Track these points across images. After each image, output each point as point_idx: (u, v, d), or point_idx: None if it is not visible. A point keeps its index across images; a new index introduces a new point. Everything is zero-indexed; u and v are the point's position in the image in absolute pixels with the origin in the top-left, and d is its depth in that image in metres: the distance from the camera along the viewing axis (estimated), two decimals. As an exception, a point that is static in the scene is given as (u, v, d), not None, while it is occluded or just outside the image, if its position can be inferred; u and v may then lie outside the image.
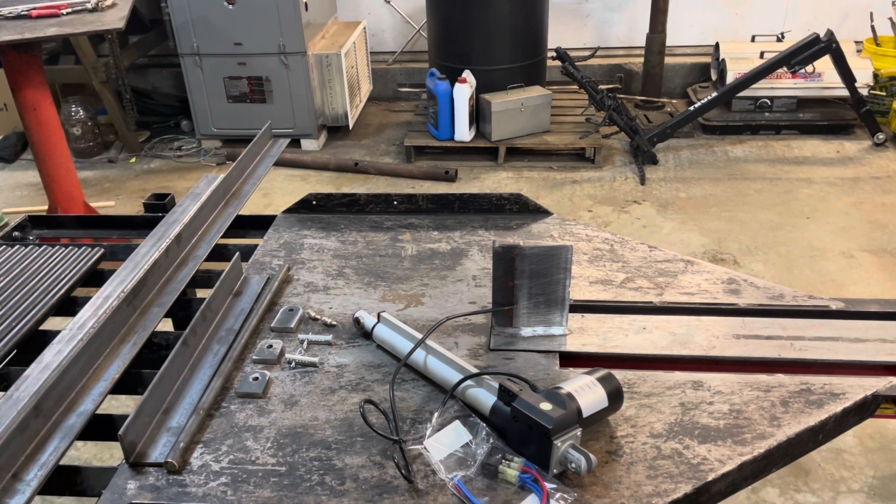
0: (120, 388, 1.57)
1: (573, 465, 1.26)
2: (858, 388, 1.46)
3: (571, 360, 1.59)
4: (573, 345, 1.61)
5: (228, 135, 5.48)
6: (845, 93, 5.03)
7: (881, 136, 5.13)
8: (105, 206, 4.67)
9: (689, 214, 4.43)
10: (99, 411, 1.47)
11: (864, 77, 5.10)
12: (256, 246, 2.07)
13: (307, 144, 5.54)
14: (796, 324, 1.65)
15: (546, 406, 1.29)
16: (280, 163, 5.24)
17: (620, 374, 1.49)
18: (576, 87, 5.52)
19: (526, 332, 1.64)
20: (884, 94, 5.48)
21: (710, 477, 1.28)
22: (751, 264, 3.88)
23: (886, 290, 3.63)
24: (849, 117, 5.34)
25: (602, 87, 5.32)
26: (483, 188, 4.85)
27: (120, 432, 1.33)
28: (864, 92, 5.12)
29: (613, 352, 1.59)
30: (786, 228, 4.22)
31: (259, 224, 2.21)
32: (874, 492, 2.53)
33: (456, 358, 1.48)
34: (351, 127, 5.70)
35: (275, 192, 4.85)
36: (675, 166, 5.07)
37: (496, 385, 1.38)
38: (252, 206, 3.02)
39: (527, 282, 1.58)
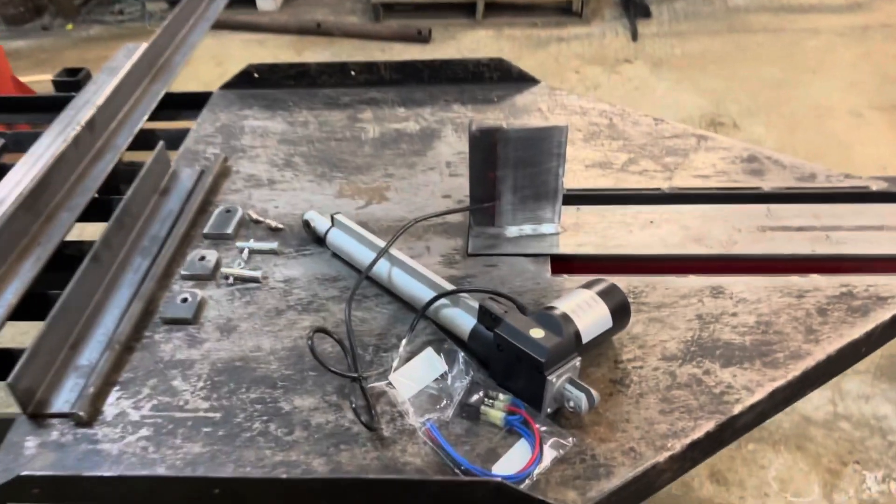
0: (22, 314, 1.29)
1: (571, 405, 1.02)
2: (910, 289, 1.21)
3: (565, 264, 1.32)
4: (567, 245, 1.34)
5: (176, -5, 4.92)
6: (858, -71, 4.54)
7: (893, -22, 4.68)
8: (39, 80, 4.20)
9: (685, 73, 4.06)
10: (-6, 346, 1.21)
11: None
12: (188, 131, 1.73)
13: (263, 4, 4.99)
14: (832, 210, 1.38)
15: (537, 333, 1.04)
16: (234, 25, 4.73)
17: (624, 281, 1.23)
18: (560, -71, 4.95)
19: (511, 231, 1.36)
20: (899, -71, 4.97)
21: (737, 410, 1.05)
22: (752, 127, 3.58)
23: (896, 151, 3.37)
24: (859, -42, 4.85)
25: (590, -72, 4.75)
26: (460, 49, 4.42)
27: (10, 378, 1.07)
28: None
29: (615, 252, 1.32)
30: (789, 85, 3.88)
31: (193, 103, 1.86)
32: (881, 372, 2.38)
33: (426, 271, 1.21)
34: (312, -18, 5.14)
35: (229, 59, 4.39)
36: (669, 19, 4.63)
37: (476, 304, 1.12)
38: (205, 75, 2.62)
39: (512, 172, 1.29)
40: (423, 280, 1.20)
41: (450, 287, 1.17)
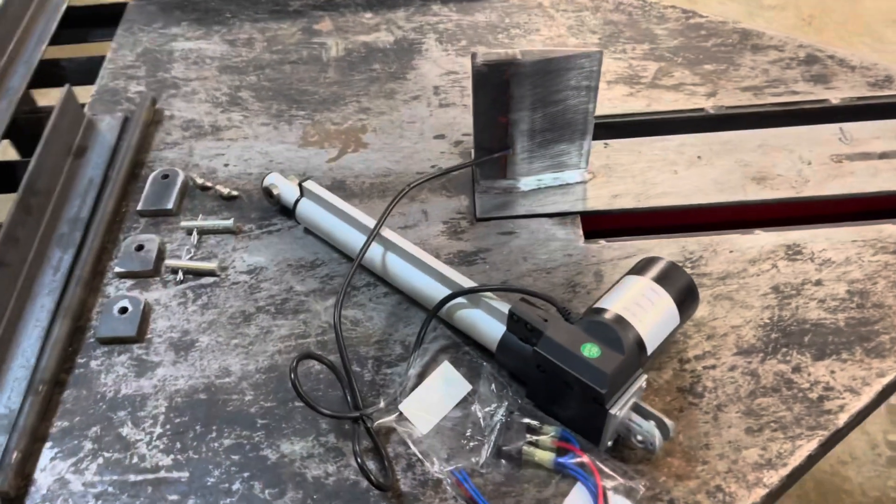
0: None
1: (639, 438, 0.80)
2: None
3: (598, 220, 1.06)
4: (599, 197, 1.07)
5: None
6: None
7: None
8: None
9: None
10: None
11: None
12: (102, 60, 1.37)
13: None
14: (919, 127, 1.12)
15: (592, 350, 0.79)
16: None
17: (677, 245, 0.99)
18: None
19: (527, 183, 1.08)
20: None
21: (842, 420, 0.84)
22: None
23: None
24: None
25: None
26: None
27: None
28: None
29: (661, 205, 1.06)
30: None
31: (103, 19, 1.48)
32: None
33: (433, 260, 0.94)
34: None
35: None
36: None
37: (503, 308, 0.87)
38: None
39: (528, 114, 0.99)
40: (431, 273, 0.93)
41: (466, 283, 0.90)
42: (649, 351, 0.83)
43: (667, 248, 1.00)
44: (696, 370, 0.89)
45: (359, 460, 0.81)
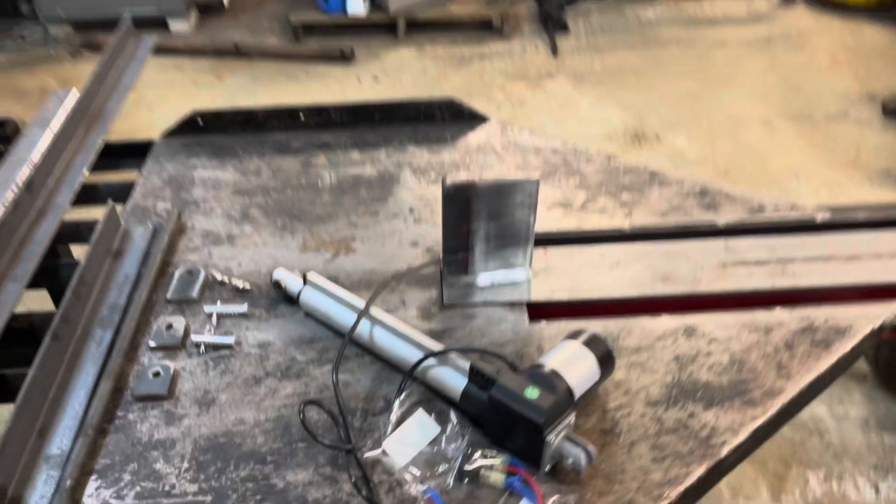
0: (-25, 400, 1.21)
1: (570, 462, 1.04)
2: (864, 319, 1.29)
3: (540, 309, 1.34)
4: (541, 291, 1.36)
5: (80, 17, 4.67)
6: (755, -56, 4.81)
7: (789, -10, 4.97)
8: (-60, 115, 3.95)
9: (607, 87, 4.18)
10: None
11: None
12: (134, 184, 1.66)
13: (176, 26, 4.83)
14: (784, 243, 1.45)
15: (532, 392, 1.05)
16: (148, 50, 4.56)
17: (600, 325, 1.26)
18: (476, -54, 5.01)
19: (483, 279, 1.37)
20: (790, -57, 5.28)
21: (724, 452, 1.10)
22: (674, 139, 3.72)
23: (806, 157, 3.57)
24: (756, -30, 5.13)
25: (505, -54, 4.83)
26: (385, 69, 4.40)
27: (-20, 481, 1.00)
28: (774, -57, 4.90)
29: (588, 297, 1.35)
30: (705, 97, 4.05)
31: (134, 152, 1.79)
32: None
33: (410, 330, 1.20)
34: (226, 3, 5.01)
35: (145, 86, 4.23)
36: (586, 33, 4.75)
37: (465, 364, 1.12)
38: (123, 114, 2.53)
39: (484, 224, 1.30)
40: (408, 340, 1.19)
41: (436, 347, 1.17)
42: (576, 396, 1.09)
43: (593, 328, 1.28)
44: (615, 417, 1.15)
45: (352, 481, 1.03)
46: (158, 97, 4.14)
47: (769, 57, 4.43)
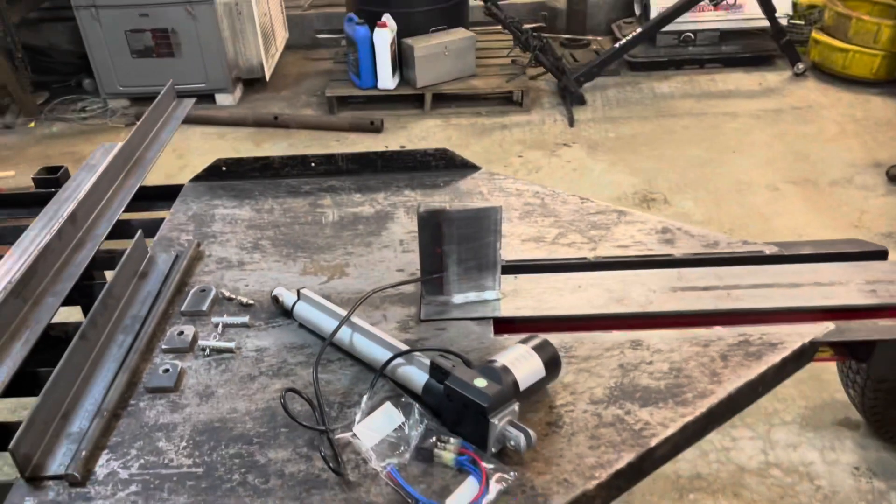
0: (14, 391, 1.41)
1: (512, 443, 1.19)
2: (796, 336, 1.43)
3: (506, 325, 1.51)
4: (507, 309, 1.53)
5: (136, 93, 5.13)
6: (766, 23, 5.04)
7: (801, 65, 5.17)
8: (3, 176, 4.33)
9: (619, 155, 4.39)
10: (-11, 420, 1.33)
11: (783, 6, 5.10)
12: (163, 220, 1.90)
13: (222, 99, 5.24)
14: (732, 272, 1.61)
15: (481, 382, 1.21)
16: (194, 120, 4.94)
17: (557, 338, 1.42)
18: (500, 27, 5.36)
19: (458, 299, 1.55)
20: (803, 23, 5.51)
21: (654, 442, 1.23)
22: (681, 202, 3.88)
23: (810, 220, 3.69)
24: (770, 48, 5.36)
25: (526, 26, 5.17)
26: (411, 138, 4.70)
27: (11, 445, 1.19)
28: (784, 22, 5.13)
29: (549, 314, 1.51)
30: (713, 164, 4.23)
31: (165, 195, 2.04)
32: (806, 422, 2.59)
33: (383, 334, 1.38)
34: (268, 78, 5.41)
35: (190, 152, 4.59)
36: (602, 106, 5.01)
37: (428, 362, 1.29)
38: (167, 168, 2.79)
39: (455, 247, 1.48)
40: (381, 343, 1.37)
41: (405, 347, 1.34)
42: (521, 388, 1.25)
43: (550, 340, 1.44)
44: (560, 413, 1.30)
45: (322, 455, 1.20)
46: (202, 162, 4.46)
47: (778, 128, 4.60)
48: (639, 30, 5.01)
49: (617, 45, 5.07)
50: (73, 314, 1.78)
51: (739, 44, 5.40)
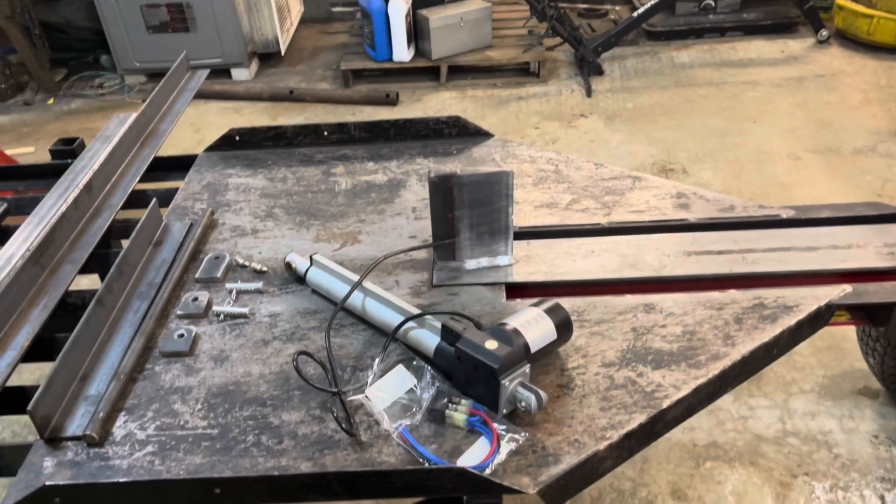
0: (33, 355, 1.44)
1: (523, 404, 1.19)
2: (812, 298, 1.41)
3: (518, 290, 1.50)
4: (519, 274, 1.52)
5: (153, 68, 5.14)
6: (789, -10, 4.94)
7: (825, 32, 5.06)
8: (24, 152, 4.38)
9: (637, 125, 4.34)
10: (9, 383, 1.35)
11: (806, -28, 5.00)
12: (178, 189, 1.91)
13: (238, 74, 5.23)
14: (747, 236, 1.59)
15: (491, 344, 1.21)
16: (211, 95, 4.95)
17: (569, 302, 1.41)
18: (516, -3, 5.30)
19: (470, 264, 1.54)
20: (826, -11, 5.40)
21: (665, 404, 1.23)
22: (700, 172, 3.84)
23: (832, 189, 3.63)
24: (792, 15, 5.25)
25: (543, -4, 5.10)
26: (426, 110, 4.67)
27: (29, 407, 1.21)
28: (808, -12, 5.03)
29: (561, 279, 1.51)
30: (733, 133, 4.16)
31: (180, 165, 2.04)
32: (825, 391, 2.56)
33: (395, 299, 1.38)
34: (283, 52, 5.40)
35: (207, 126, 4.60)
36: (620, 76, 4.94)
37: (439, 325, 1.29)
38: (184, 143, 2.80)
39: (467, 212, 1.48)
40: (393, 307, 1.37)
41: (416, 311, 1.34)
42: (532, 350, 1.24)
43: (562, 304, 1.43)
44: (571, 375, 1.29)
45: (335, 416, 1.21)
46: (218, 136, 4.48)
47: (800, 96, 4.52)
48: (657, -2, 4.93)
49: (635, 13, 4.99)
50: (90, 283, 1.80)
51: (761, 11, 5.29)
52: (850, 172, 3.76)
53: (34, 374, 2.49)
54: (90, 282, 1.82)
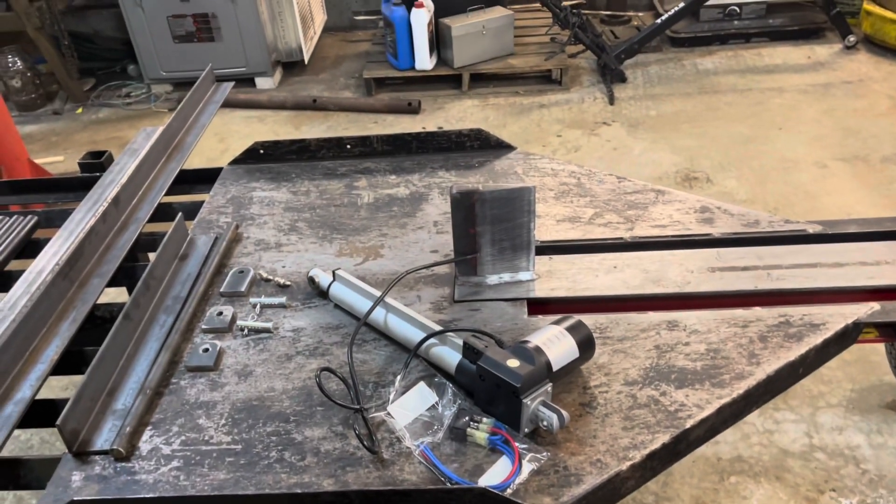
0: (62, 369, 1.46)
1: (545, 424, 1.19)
2: (839, 316, 1.39)
3: (541, 306, 1.50)
4: (541, 290, 1.52)
5: (179, 77, 5.21)
6: (815, -5, 4.89)
7: (852, 38, 5.00)
8: (53, 161, 4.45)
9: (660, 133, 4.31)
10: (39, 396, 1.37)
11: (833, -23, 4.94)
12: (203, 203, 1.93)
13: (262, 83, 5.29)
14: (773, 251, 1.57)
15: (513, 363, 1.21)
16: (235, 104, 5.01)
17: (591, 319, 1.41)
18: (538, 4, 5.30)
19: (492, 279, 1.54)
20: (854, -7, 5.33)
21: (689, 424, 1.22)
22: (724, 181, 3.80)
23: (860, 198, 3.58)
24: (819, 20, 5.19)
25: (565, 3, 5.10)
26: (448, 118, 4.68)
27: (58, 422, 1.23)
28: (834, -7, 4.97)
29: (583, 295, 1.50)
30: (758, 141, 4.12)
31: (205, 178, 2.07)
32: (852, 405, 2.53)
33: (417, 315, 1.39)
34: (307, 61, 5.45)
35: (231, 135, 4.65)
36: (644, 83, 4.92)
37: (461, 342, 1.30)
38: (209, 151, 2.82)
39: (489, 227, 1.48)
40: (415, 323, 1.37)
41: (438, 328, 1.35)
42: (554, 369, 1.24)
43: (585, 321, 1.43)
44: (593, 393, 1.29)
45: (357, 434, 1.21)
46: (242, 145, 4.52)
47: (827, 103, 4.46)
48: (682, 4, 4.90)
49: (659, 20, 4.96)
50: (117, 294, 1.83)
51: (787, 16, 5.24)
52: (879, 181, 3.71)
53: (57, 385, 2.53)
54: (117, 292, 1.85)
